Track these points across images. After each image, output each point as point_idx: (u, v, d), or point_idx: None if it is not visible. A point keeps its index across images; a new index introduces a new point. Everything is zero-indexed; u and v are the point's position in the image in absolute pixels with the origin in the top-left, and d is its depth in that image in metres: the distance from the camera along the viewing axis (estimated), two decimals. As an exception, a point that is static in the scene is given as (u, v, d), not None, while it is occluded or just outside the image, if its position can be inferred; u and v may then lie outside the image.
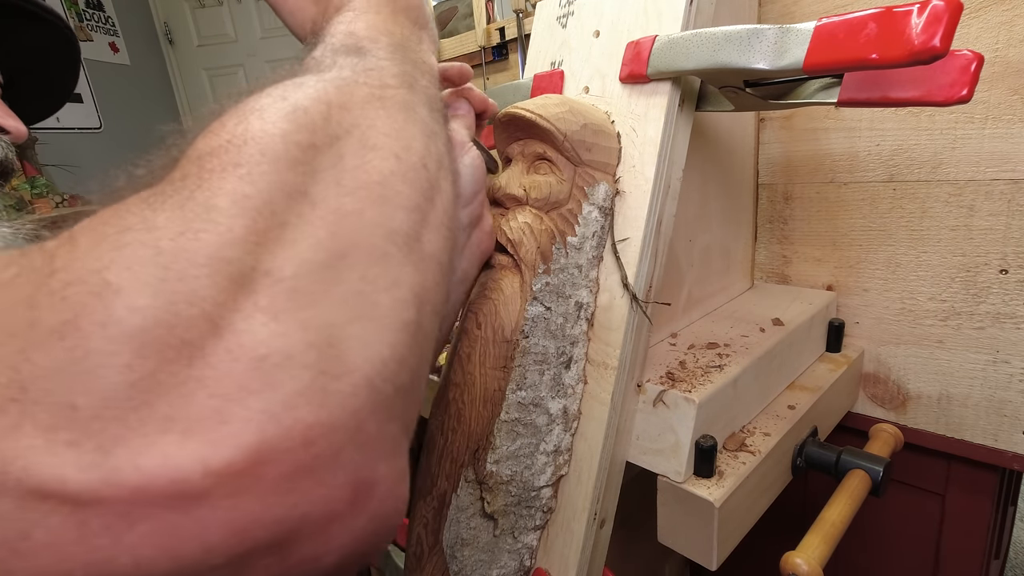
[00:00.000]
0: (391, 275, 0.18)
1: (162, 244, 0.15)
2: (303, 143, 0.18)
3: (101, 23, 2.55)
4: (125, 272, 0.14)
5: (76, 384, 0.13)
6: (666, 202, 0.45)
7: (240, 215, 0.16)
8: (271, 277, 0.16)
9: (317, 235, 0.17)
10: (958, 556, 0.69)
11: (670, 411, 0.47)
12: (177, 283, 0.14)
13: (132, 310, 0.14)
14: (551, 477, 0.45)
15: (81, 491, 0.12)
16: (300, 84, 0.21)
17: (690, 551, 0.48)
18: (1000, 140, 0.55)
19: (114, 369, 0.13)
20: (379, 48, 0.26)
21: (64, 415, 0.13)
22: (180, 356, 0.14)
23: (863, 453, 0.55)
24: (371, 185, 0.19)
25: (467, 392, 0.42)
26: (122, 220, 0.15)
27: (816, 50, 0.35)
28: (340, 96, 0.21)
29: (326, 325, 0.16)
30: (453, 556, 0.44)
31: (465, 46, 1.36)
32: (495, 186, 0.44)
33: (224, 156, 0.17)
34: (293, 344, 0.15)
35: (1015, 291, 0.57)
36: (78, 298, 0.13)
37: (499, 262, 0.43)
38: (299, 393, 0.15)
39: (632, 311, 0.44)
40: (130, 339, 0.13)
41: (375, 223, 0.18)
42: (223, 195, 0.16)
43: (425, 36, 0.31)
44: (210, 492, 0.13)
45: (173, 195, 0.16)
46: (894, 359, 0.66)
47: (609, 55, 0.47)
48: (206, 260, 0.15)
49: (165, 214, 0.15)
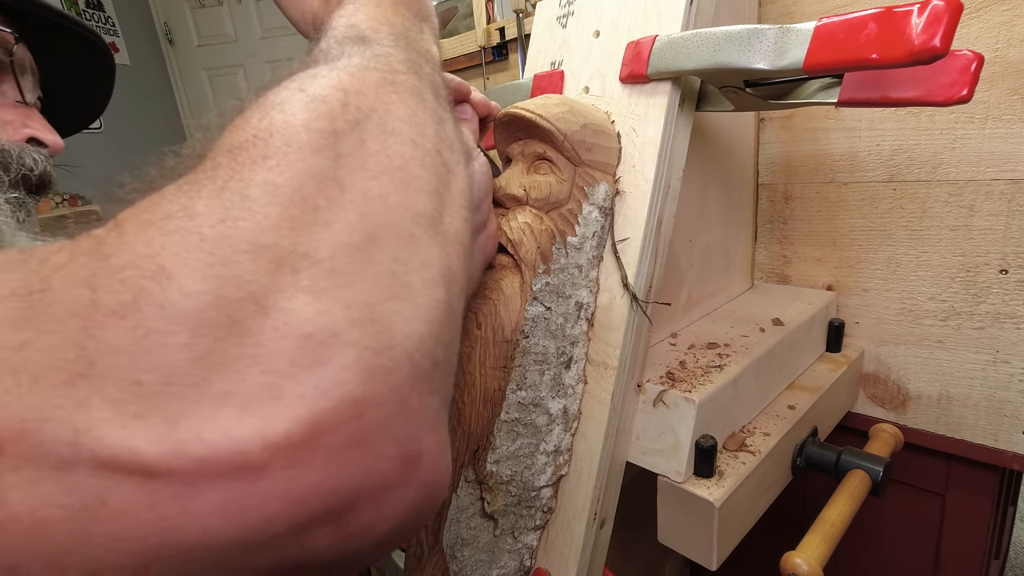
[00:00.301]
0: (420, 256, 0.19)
1: (204, 231, 0.15)
2: (324, 130, 0.19)
3: (101, 23, 2.55)
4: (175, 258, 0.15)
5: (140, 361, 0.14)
6: (666, 202, 0.45)
7: (273, 203, 0.17)
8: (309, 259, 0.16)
9: (348, 218, 0.18)
10: (958, 556, 0.69)
11: (670, 411, 0.47)
12: (222, 267, 0.15)
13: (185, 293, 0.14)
14: (551, 477, 0.45)
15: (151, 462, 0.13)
16: (314, 75, 0.21)
17: (690, 551, 0.48)
18: (1000, 140, 0.55)
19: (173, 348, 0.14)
20: (382, 37, 0.26)
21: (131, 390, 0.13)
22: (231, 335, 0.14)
23: (863, 453, 0.55)
24: (393, 170, 0.20)
25: (467, 392, 0.42)
26: (163, 208, 0.16)
27: (816, 50, 0.35)
28: (354, 82, 0.21)
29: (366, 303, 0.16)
30: (453, 556, 0.44)
31: (465, 46, 1.36)
32: (495, 186, 0.44)
33: (253, 150, 0.18)
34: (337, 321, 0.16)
35: (1015, 291, 0.57)
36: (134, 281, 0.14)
37: (499, 262, 0.43)
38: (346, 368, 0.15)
39: (632, 311, 0.44)
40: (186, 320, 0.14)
41: (401, 206, 0.19)
42: (256, 185, 0.17)
43: (426, 27, 0.31)
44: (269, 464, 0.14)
45: (207, 184, 0.17)
46: (894, 359, 0.66)
47: (609, 55, 0.47)
48: (247, 246, 0.16)
49: (203, 202, 0.16)
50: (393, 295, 0.17)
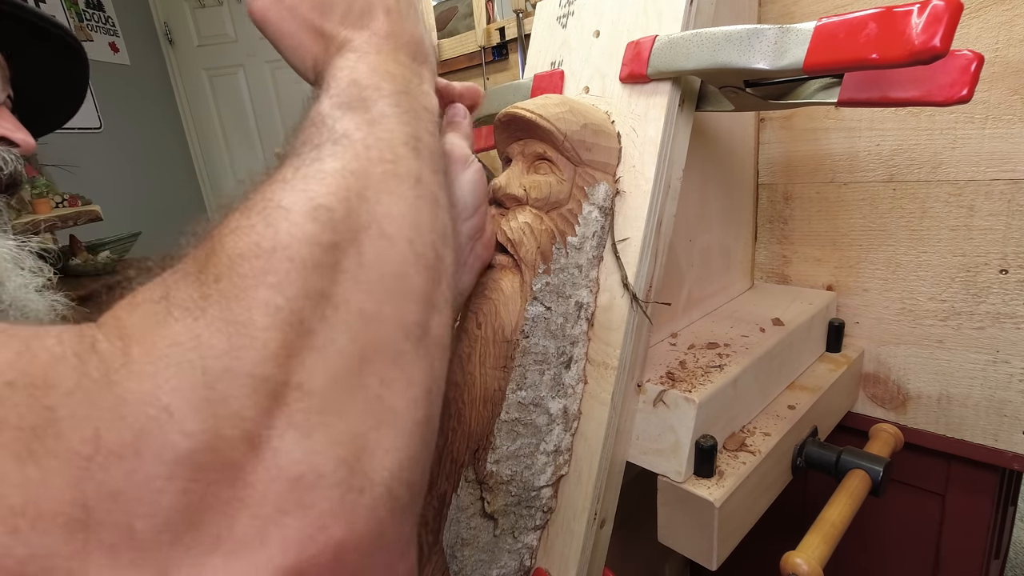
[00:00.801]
0: (406, 375, 0.19)
1: (208, 363, 0.16)
2: (326, 243, 0.19)
3: (101, 23, 2.55)
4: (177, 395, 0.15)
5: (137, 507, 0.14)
6: (666, 202, 0.45)
7: (273, 328, 0.17)
8: (301, 390, 0.17)
9: (340, 341, 0.18)
10: (958, 556, 0.69)
11: (670, 411, 0.47)
12: (221, 405, 0.15)
13: (185, 435, 0.15)
14: (551, 477, 0.45)
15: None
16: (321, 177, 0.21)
17: (690, 551, 0.48)
18: (1000, 140, 0.55)
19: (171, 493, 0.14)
20: (383, 99, 0.26)
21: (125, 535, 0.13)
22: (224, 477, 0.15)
23: (863, 453, 0.55)
24: (387, 279, 0.20)
25: (467, 392, 0.42)
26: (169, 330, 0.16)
27: (816, 50, 0.35)
28: (358, 183, 0.21)
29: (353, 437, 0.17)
30: (453, 556, 0.44)
31: (465, 46, 1.36)
32: (495, 186, 0.44)
33: (255, 262, 0.18)
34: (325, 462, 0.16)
35: (1015, 291, 0.57)
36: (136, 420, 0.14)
37: (499, 262, 0.43)
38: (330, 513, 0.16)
39: (632, 311, 0.44)
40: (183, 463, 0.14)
41: (392, 321, 0.19)
42: (257, 308, 0.17)
43: (426, 72, 0.31)
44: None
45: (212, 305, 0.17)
46: (894, 359, 0.66)
47: (609, 55, 0.47)
48: (246, 379, 0.16)
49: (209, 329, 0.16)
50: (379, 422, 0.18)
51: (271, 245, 0.18)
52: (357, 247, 0.20)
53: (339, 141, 0.23)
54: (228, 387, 0.15)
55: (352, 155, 0.22)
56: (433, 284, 0.22)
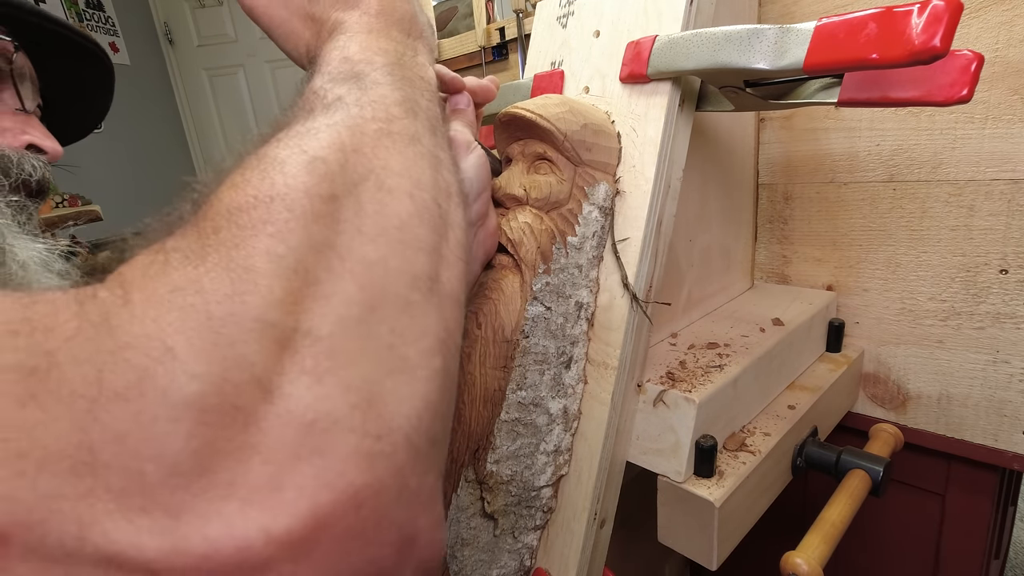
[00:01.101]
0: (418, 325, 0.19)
1: (211, 308, 0.15)
2: (324, 195, 0.19)
3: (101, 23, 2.55)
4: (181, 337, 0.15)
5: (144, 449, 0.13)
6: (666, 202, 0.45)
7: (276, 275, 0.17)
8: (311, 337, 0.16)
9: (348, 289, 0.18)
10: (958, 556, 0.69)
11: (670, 411, 0.47)
12: (228, 348, 0.15)
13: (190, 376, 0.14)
14: (551, 477, 0.45)
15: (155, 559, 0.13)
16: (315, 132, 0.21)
17: (690, 551, 0.48)
18: (1000, 140, 0.55)
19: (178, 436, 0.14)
20: (375, 71, 0.26)
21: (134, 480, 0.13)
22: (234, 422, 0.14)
23: (863, 453, 0.55)
24: (390, 230, 0.20)
25: (467, 392, 0.42)
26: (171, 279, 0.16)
27: (816, 50, 0.35)
28: (353, 139, 0.21)
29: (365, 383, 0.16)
30: (453, 556, 0.44)
31: (465, 46, 1.36)
32: (495, 186, 0.44)
33: (253, 212, 0.18)
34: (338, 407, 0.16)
35: (1015, 291, 0.57)
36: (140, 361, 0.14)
37: (499, 262, 0.43)
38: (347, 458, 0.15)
39: (632, 311, 0.44)
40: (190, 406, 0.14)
41: (399, 270, 0.19)
42: (259, 255, 0.17)
43: (420, 46, 0.31)
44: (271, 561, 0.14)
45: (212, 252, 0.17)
46: (894, 359, 0.66)
47: (609, 55, 0.47)
48: (253, 324, 0.15)
49: (209, 274, 0.16)
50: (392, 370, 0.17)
51: (268, 196, 0.18)
52: (356, 198, 0.20)
53: (331, 105, 0.23)
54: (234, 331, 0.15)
55: (345, 114, 0.22)
56: (439, 236, 0.22)
